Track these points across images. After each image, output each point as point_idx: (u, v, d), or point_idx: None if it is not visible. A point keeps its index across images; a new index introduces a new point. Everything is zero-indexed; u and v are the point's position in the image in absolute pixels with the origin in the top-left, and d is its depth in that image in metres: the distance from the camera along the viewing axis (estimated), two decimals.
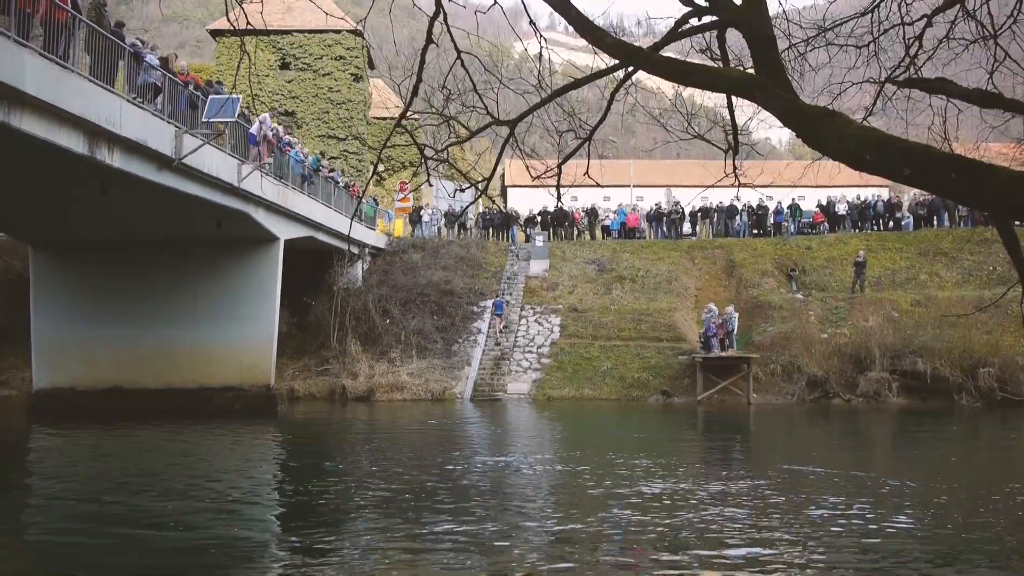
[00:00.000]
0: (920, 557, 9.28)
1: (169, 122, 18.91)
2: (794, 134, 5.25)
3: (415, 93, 6.99)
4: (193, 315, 26.34)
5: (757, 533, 10.21)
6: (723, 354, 30.77)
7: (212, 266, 26.43)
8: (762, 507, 11.74)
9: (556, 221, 42.26)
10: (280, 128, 31.53)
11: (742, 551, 9.37)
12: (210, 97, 20.60)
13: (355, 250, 35.76)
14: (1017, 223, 4.44)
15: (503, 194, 67.92)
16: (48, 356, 26.59)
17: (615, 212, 44.05)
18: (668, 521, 10.74)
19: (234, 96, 20.90)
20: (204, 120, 20.34)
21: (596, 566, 8.79)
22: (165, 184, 19.31)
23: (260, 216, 24.88)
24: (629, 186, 59.60)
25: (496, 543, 9.66)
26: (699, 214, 43.07)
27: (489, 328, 35.07)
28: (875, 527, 10.54)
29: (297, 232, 28.41)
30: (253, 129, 23.04)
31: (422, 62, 6.78)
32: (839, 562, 9.16)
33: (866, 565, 9.08)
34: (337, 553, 9.43)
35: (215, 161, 21.04)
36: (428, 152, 8.08)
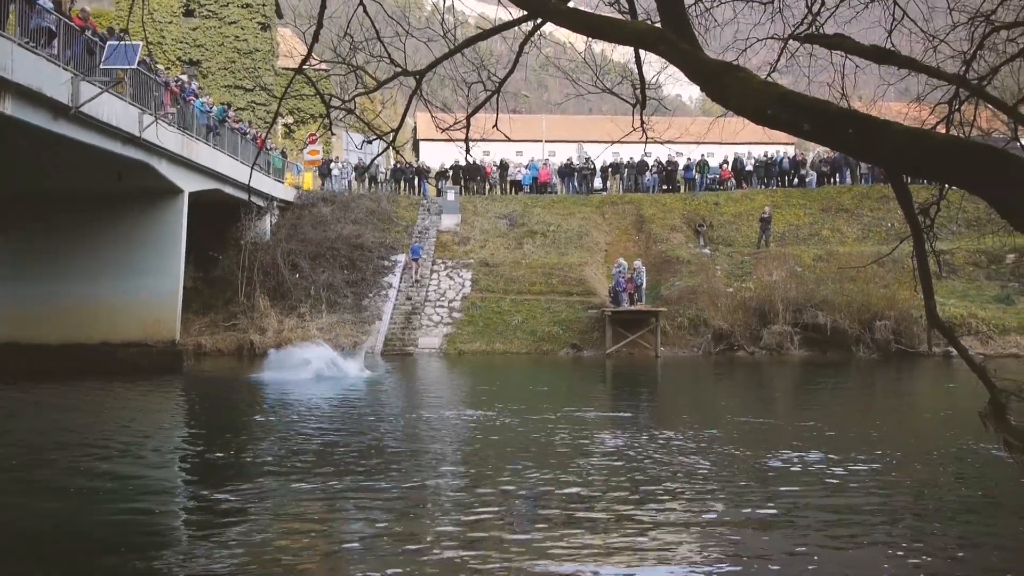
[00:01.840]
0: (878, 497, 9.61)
1: (65, 68, 18.17)
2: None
3: (315, 39, 6.84)
4: (94, 270, 25.56)
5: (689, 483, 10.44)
6: (632, 308, 31.19)
7: (114, 219, 25.63)
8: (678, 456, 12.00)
9: (468, 175, 42.06)
10: (184, 77, 30.65)
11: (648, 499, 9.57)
12: (108, 43, 19.83)
13: (262, 203, 35.12)
14: (910, 179, 4.57)
15: (414, 148, 67.24)
16: None
17: (527, 167, 44.05)
18: (571, 475, 10.90)
19: (134, 43, 20.18)
20: (102, 67, 19.59)
21: (508, 523, 8.87)
22: (61, 133, 18.59)
23: (163, 168, 24.20)
24: (541, 141, 59.59)
25: (409, 501, 9.66)
26: (610, 169, 43.37)
27: (400, 282, 34.91)
28: (785, 468, 10.87)
29: (203, 184, 27.73)
30: None
31: (323, 7, 6.62)
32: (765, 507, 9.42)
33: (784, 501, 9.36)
34: (245, 513, 9.32)
35: (115, 110, 20.34)
36: (334, 103, 7.93)
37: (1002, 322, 30.51)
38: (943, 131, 6.19)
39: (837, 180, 40.35)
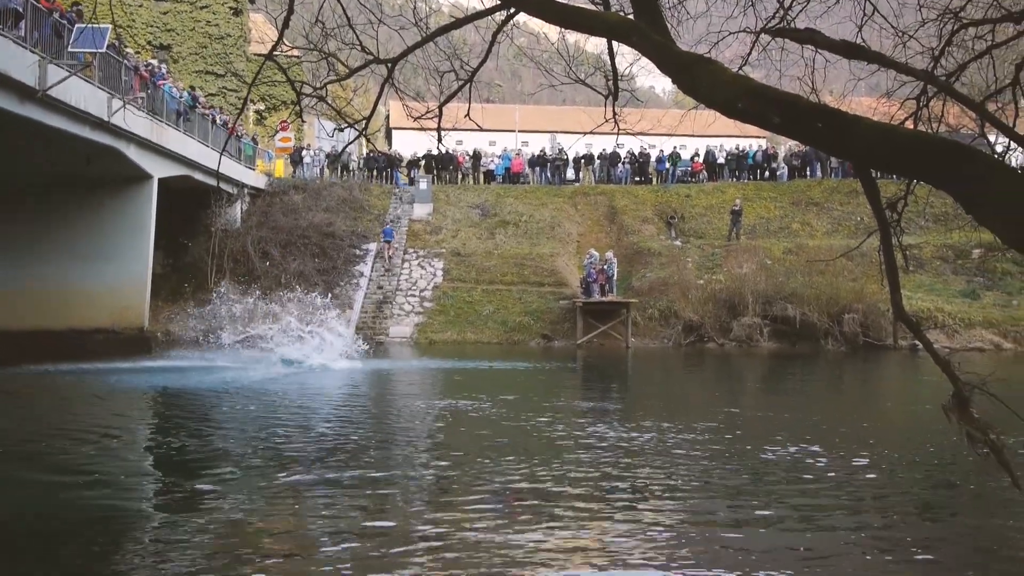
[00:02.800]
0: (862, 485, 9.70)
1: (32, 51, 17.94)
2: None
3: (286, 25, 6.80)
4: (62, 256, 25.32)
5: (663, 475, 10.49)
6: (603, 299, 31.30)
7: (83, 205, 25.39)
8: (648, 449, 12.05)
9: (440, 165, 41.97)
10: (154, 62, 30.35)
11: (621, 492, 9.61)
12: (76, 26, 19.60)
13: (232, 190, 34.89)
14: (879, 174, 4.61)
15: (387, 136, 66.99)
16: None
17: (500, 157, 44.02)
18: (542, 468, 10.92)
19: (103, 26, 19.96)
20: (70, 50, 19.37)
21: (474, 512, 8.88)
22: (28, 117, 18.40)
23: (132, 153, 23.98)
24: (514, 131, 59.59)
25: (379, 490, 9.65)
26: (583, 160, 43.42)
27: (372, 271, 34.83)
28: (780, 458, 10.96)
29: (172, 170, 27.50)
30: None
31: None
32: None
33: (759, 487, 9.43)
34: (212, 504, 9.27)
35: (83, 94, 20.12)
36: (306, 90, 7.88)
37: (968, 316, 30.91)
38: (911, 127, 6.25)
39: (808, 174, 40.64)
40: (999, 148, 7.22)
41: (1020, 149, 5.04)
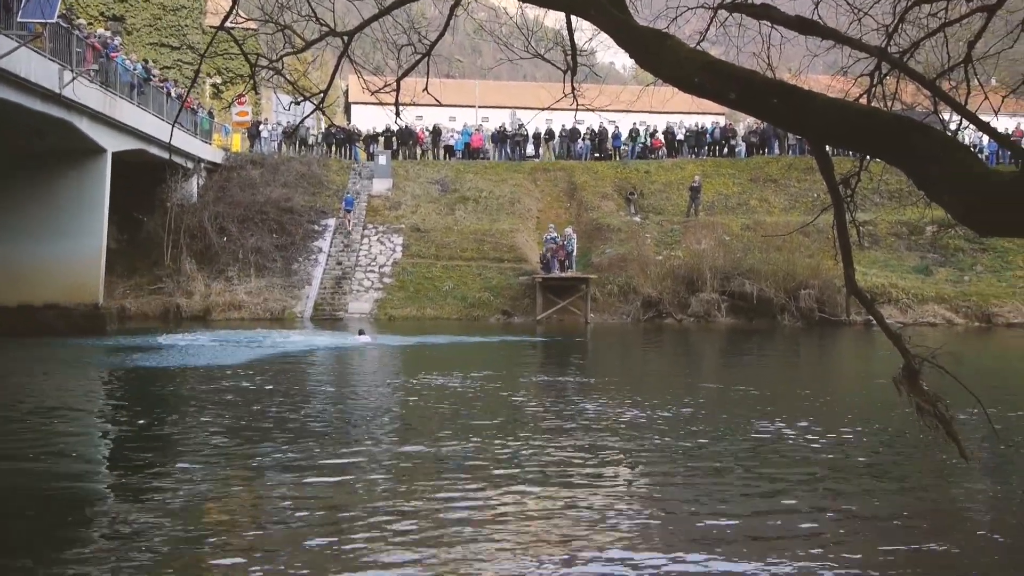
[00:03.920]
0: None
1: None
2: None
3: None
4: (13, 230, 24.78)
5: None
6: (562, 275, 31.39)
7: (34, 179, 24.87)
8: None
9: (400, 140, 41.71)
10: (106, 33, 29.80)
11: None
12: None
13: (188, 164, 34.43)
14: (835, 150, 4.65)
15: (346, 111, 66.40)
16: None
17: (459, 132, 43.84)
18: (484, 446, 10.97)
19: None
20: (19, 20, 18.94)
21: (434, 488, 8.89)
22: None
23: (85, 126, 23.56)
24: (474, 106, 59.33)
25: (340, 470, 9.62)
26: (543, 136, 43.36)
27: (331, 246, 34.64)
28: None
29: (126, 144, 27.07)
30: None
31: None
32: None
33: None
34: (170, 485, 9.20)
35: (33, 65, 19.70)
36: (261, 62, 7.79)
37: (921, 292, 31.44)
38: (866, 103, 6.30)
39: (766, 151, 40.91)
40: (952, 126, 7.32)
41: (971, 127, 5.10)
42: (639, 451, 10.41)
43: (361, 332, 24.28)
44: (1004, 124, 34.92)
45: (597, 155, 41.92)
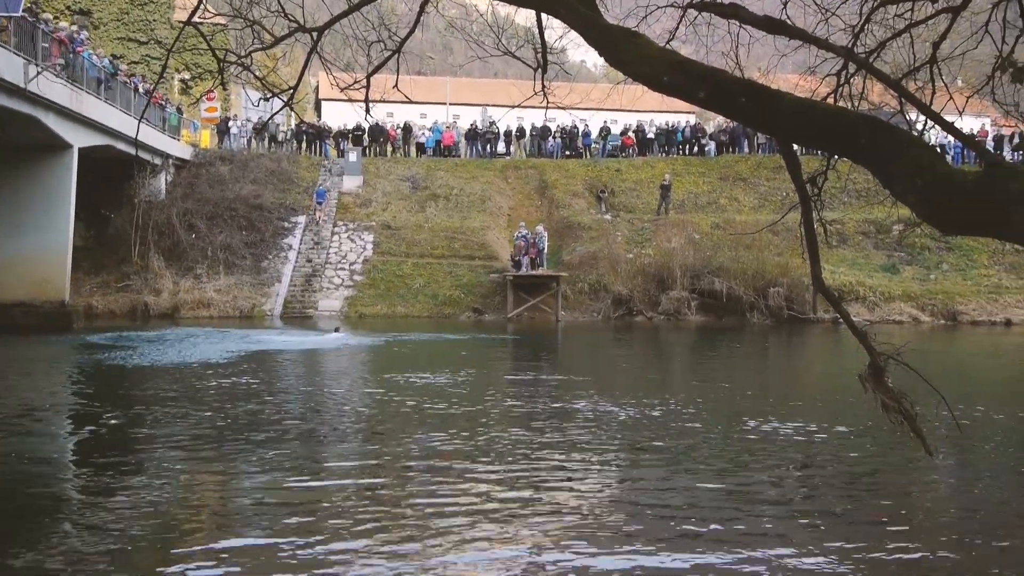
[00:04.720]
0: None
1: None
2: None
3: None
4: None
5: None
6: (533, 272, 31.42)
7: None
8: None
9: (371, 137, 41.54)
10: (73, 27, 29.47)
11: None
12: None
13: (156, 160, 34.12)
14: (803, 149, 4.69)
15: (316, 108, 66.04)
16: None
17: (430, 129, 43.74)
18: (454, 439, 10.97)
19: None
20: None
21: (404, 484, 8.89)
22: None
23: (51, 121, 23.29)
24: (445, 104, 59.18)
25: (313, 468, 9.60)
26: (514, 134, 43.34)
27: (301, 244, 34.46)
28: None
29: (93, 140, 26.79)
30: None
31: None
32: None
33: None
34: (136, 483, 9.13)
35: None
36: (230, 58, 7.74)
37: (888, 290, 31.78)
38: (833, 103, 6.35)
39: (735, 150, 41.12)
40: (918, 127, 7.38)
41: (937, 127, 5.16)
42: (609, 448, 10.45)
43: (337, 329, 24.25)
44: (969, 124, 35.42)
45: (568, 153, 41.96)
